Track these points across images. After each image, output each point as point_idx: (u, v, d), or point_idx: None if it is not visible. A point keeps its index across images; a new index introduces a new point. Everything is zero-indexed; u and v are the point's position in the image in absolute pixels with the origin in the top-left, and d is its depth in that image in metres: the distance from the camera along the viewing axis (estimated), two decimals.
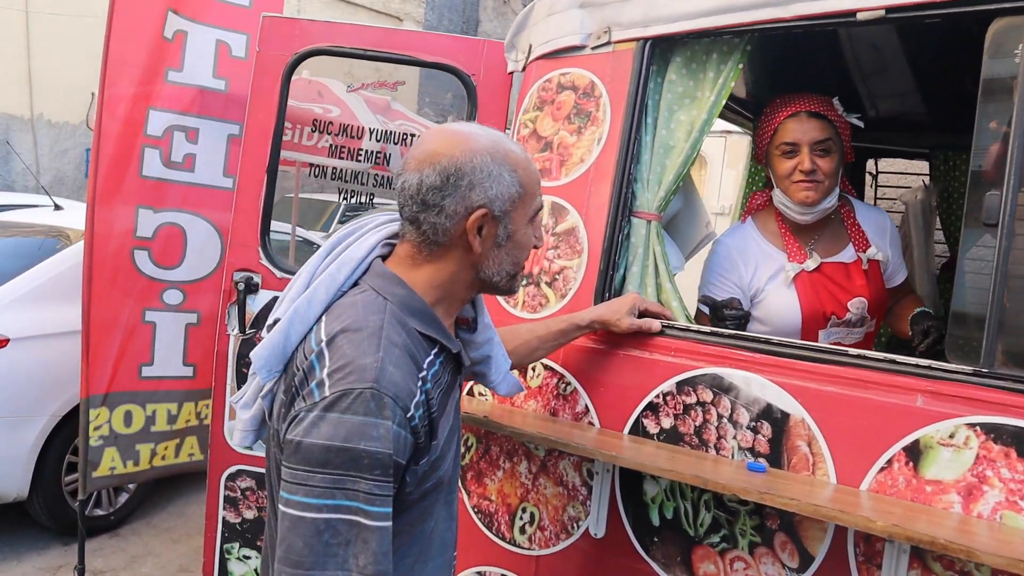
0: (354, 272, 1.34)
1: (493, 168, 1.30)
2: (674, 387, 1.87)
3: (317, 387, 1.19)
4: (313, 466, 1.14)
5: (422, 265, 1.34)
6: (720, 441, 1.80)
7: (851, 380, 1.66)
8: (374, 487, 1.14)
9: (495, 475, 2.17)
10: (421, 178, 1.29)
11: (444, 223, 1.30)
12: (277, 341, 1.30)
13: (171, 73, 3.48)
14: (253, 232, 2.66)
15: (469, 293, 1.41)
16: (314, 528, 1.13)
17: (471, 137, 1.32)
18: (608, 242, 2.02)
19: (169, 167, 3.51)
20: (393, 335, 1.24)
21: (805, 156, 2.15)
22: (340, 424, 1.15)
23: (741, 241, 2.31)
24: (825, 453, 1.66)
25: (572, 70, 2.20)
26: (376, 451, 1.14)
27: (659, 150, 2.07)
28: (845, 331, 2.27)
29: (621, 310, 1.90)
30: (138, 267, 3.46)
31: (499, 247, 1.35)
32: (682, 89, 2.08)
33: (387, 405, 1.16)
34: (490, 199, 1.30)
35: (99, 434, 3.50)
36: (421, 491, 1.29)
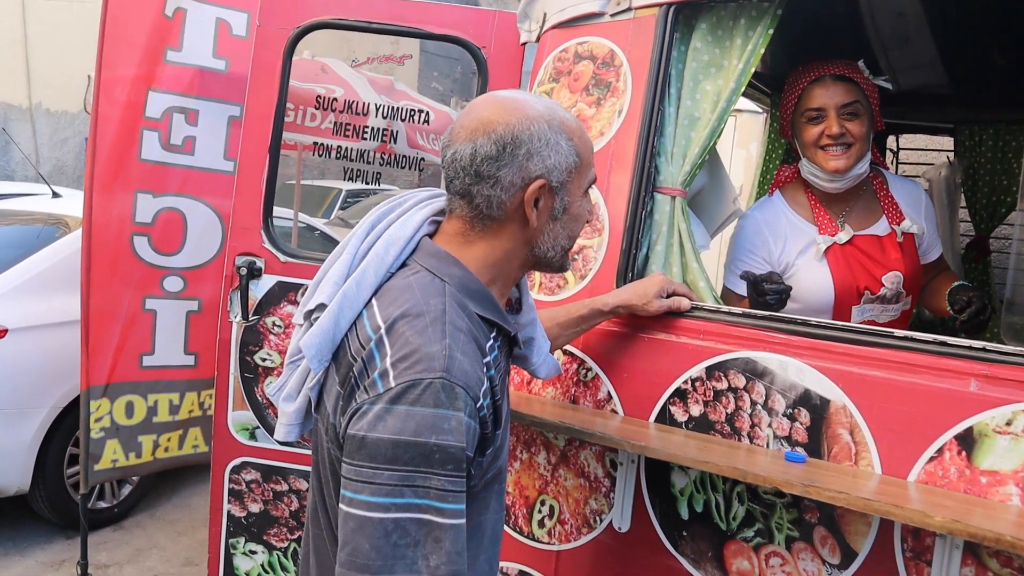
0: (402, 252, 1.27)
1: (551, 136, 1.23)
2: (703, 372, 1.76)
3: (380, 377, 1.11)
4: (380, 463, 1.06)
5: (475, 242, 1.27)
6: (754, 430, 1.69)
7: (897, 364, 1.55)
8: (447, 483, 1.07)
9: (512, 466, 2.07)
10: (475, 148, 1.21)
11: (500, 195, 1.22)
12: (327, 327, 1.23)
13: (170, 53, 3.36)
14: (255, 215, 2.55)
15: (521, 271, 1.34)
16: (382, 529, 1.05)
17: (525, 104, 1.25)
18: (630, 219, 1.91)
19: (168, 150, 3.39)
20: (457, 320, 1.17)
21: (832, 120, 2.07)
22: (409, 417, 1.07)
23: (770, 215, 2.21)
24: (869, 442, 1.55)
25: (590, 39, 2.08)
26: (449, 444, 1.07)
27: (683, 122, 1.96)
28: (880, 308, 2.17)
29: (648, 293, 1.79)
30: (137, 254, 3.36)
31: (555, 220, 1.28)
32: (708, 57, 1.96)
33: (459, 395, 1.09)
34: (548, 169, 1.23)
35: (100, 426, 3.41)
36: (483, 483, 1.22)
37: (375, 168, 2.93)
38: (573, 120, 1.28)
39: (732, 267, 2.21)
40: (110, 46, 3.24)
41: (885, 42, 2.77)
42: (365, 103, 3.01)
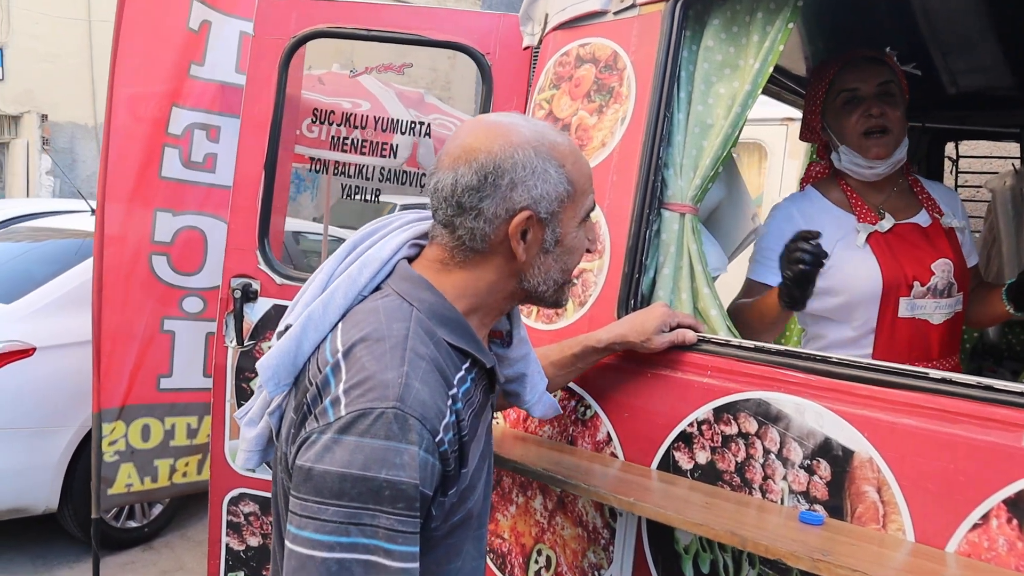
0: (377, 274, 1.20)
1: (538, 164, 1.14)
2: (711, 414, 1.54)
3: (332, 405, 1.04)
4: (326, 497, 0.98)
5: (454, 271, 1.18)
6: (767, 482, 1.47)
7: (934, 410, 1.31)
8: (396, 523, 0.99)
9: (508, 510, 1.88)
10: (456, 177, 1.14)
11: (483, 228, 1.14)
12: (288, 349, 1.16)
13: (194, 68, 3.28)
14: (251, 234, 2.42)
15: (508, 304, 1.25)
16: (325, 569, 0.97)
17: (511, 129, 1.16)
18: (633, 240, 1.71)
19: (189, 167, 3.31)
20: (419, 346, 1.09)
21: (874, 104, 1.95)
22: (358, 449, 0.99)
23: (804, 204, 2.06)
24: (900, 502, 1.32)
25: (592, 40, 1.89)
26: (400, 481, 0.99)
27: (694, 129, 1.75)
28: (933, 303, 1.97)
29: (647, 328, 1.59)
30: (156, 273, 3.27)
31: (546, 253, 1.18)
32: (721, 57, 1.75)
33: (413, 428, 1.01)
34: (535, 199, 1.14)
35: (114, 449, 3.33)
36: (449, 526, 1.12)
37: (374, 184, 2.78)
38: (566, 144, 1.18)
39: (759, 257, 2.05)
40: (123, 61, 3.17)
41: (942, 42, 2.51)
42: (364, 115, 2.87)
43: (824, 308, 2.00)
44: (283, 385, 1.17)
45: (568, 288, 1.26)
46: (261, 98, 2.41)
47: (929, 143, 3.31)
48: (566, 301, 1.28)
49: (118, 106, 3.16)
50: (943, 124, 3.16)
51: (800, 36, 2.54)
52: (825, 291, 2.00)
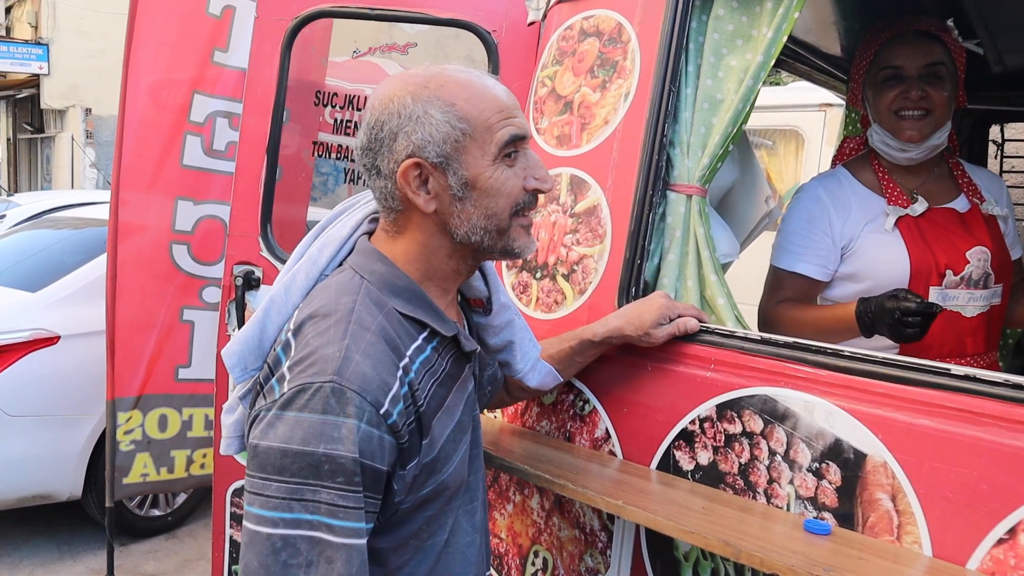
0: (338, 253, 1.20)
1: (415, 108, 1.10)
2: (713, 411, 1.43)
3: (278, 382, 1.05)
4: (269, 473, 0.99)
5: (396, 238, 1.17)
6: (772, 486, 1.35)
7: (955, 411, 1.18)
8: (337, 497, 0.98)
9: (505, 508, 1.79)
10: (358, 143, 1.15)
11: (387, 185, 1.13)
12: (251, 334, 1.16)
13: (217, 54, 3.23)
14: (253, 220, 2.35)
15: (459, 264, 1.19)
16: (270, 546, 0.97)
17: (398, 81, 1.14)
18: (636, 223, 1.59)
19: (211, 156, 3.26)
20: (366, 318, 1.08)
21: (912, 83, 1.83)
22: (297, 424, 0.99)
23: (832, 184, 1.94)
24: (916, 512, 1.19)
25: (596, 12, 1.78)
26: (338, 455, 0.98)
27: (703, 105, 1.63)
28: (967, 294, 1.84)
29: (644, 320, 1.49)
30: (176, 262, 3.23)
31: (460, 200, 1.13)
32: (732, 27, 1.63)
33: (351, 401, 1.00)
34: (417, 145, 1.10)
35: (131, 438, 3.31)
36: (418, 499, 1.11)
37: None
38: (460, 82, 1.12)
39: (785, 243, 1.94)
40: (139, 48, 3.14)
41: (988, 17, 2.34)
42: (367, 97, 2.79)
43: (847, 294, 1.87)
44: (251, 370, 1.16)
45: (515, 233, 1.16)
46: (263, 81, 2.33)
47: (972, 125, 3.13)
48: (522, 249, 1.18)
49: (135, 94, 3.13)
50: (987, 106, 2.98)
51: (832, 11, 2.39)
52: (848, 276, 1.88)
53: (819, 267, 1.88)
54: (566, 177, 1.74)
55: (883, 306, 1.63)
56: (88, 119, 14.50)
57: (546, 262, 1.74)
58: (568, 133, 1.76)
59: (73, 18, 14.60)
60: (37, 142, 17.68)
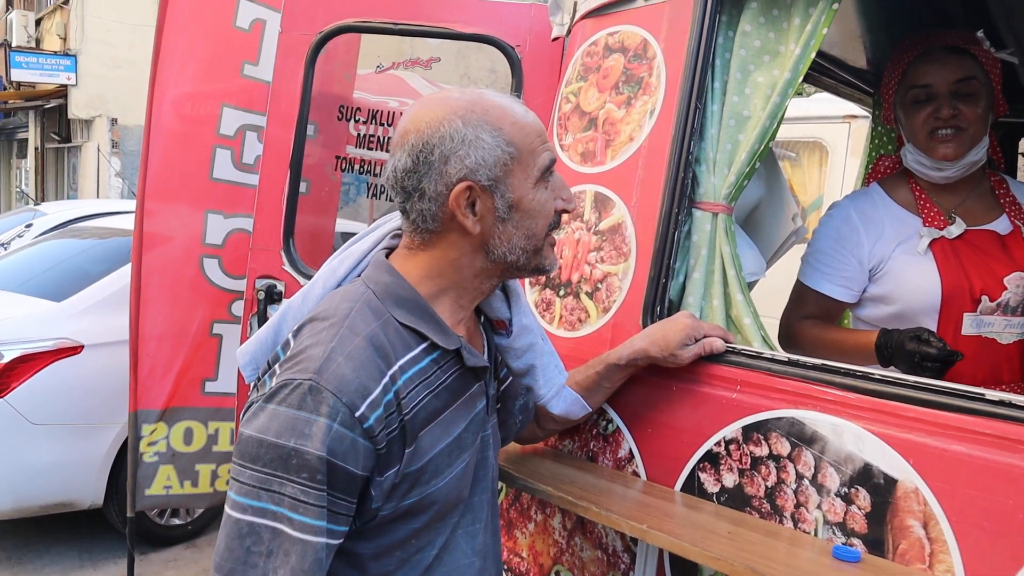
0: (356, 266, 1.24)
1: (467, 132, 1.12)
2: (740, 433, 1.41)
3: (269, 377, 1.09)
4: (246, 461, 1.03)
5: (418, 254, 1.19)
6: (799, 511, 1.32)
7: (990, 437, 1.15)
8: (299, 492, 1.01)
9: (526, 528, 1.77)
10: (395, 163, 1.15)
11: (430, 207, 1.13)
12: (266, 337, 1.21)
13: (248, 67, 3.23)
14: (275, 234, 2.37)
15: (487, 282, 1.22)
16: (237, 530, 1.01)
17: (441, 102, 1.15)
18: (661, 241, 1.58)
19: (241, 169, 3.27)
20: (359, 324, 1.10)
21: (943, 100, 1.79)
22: (274, 417, 1.03)
23: (865, 203, 1.91)
24: (949, 540, 1.16)
25: (622, 28, 1.77)
26: (305, 451, 1.01)
27: (729, 122, 1.61)
28: (1003, 321, 1.79)
29: (670, 342, 1.47)
30: (207, 276, 3.23)
31: (503, 221, 1.16)
32: (760, 43, 1.61)
33: (325, 400, 1.03)
34: (471, 168, 1.12)
35: (155, 450, 3.31)
36: (400, 509, 1.12)
37: None
38: (502, 106, 1.15)
39: (813, 260, 1.92)
40: (166, 61, 3.16)
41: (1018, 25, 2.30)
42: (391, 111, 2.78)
43: (876, 316, 1.84)
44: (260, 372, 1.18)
45: (546, 252, 1.21)
46: (287, 95, 2.36)
47: (1002, 138, 3.08)
48: (551, 265, 1.24)
49: (161, 106, 3.14)
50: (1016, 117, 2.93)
51: (858, 24, 2.37)
52: (878, 298, 1.84)
53: (844, 288, 1.85)
54: (590, 194, 1.73)
55: (903, 346, 1.61)
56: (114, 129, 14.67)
57: (570, 279, 1.73)
58: (592, 150, 1.75)
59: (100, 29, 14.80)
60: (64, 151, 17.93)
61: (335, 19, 2.31)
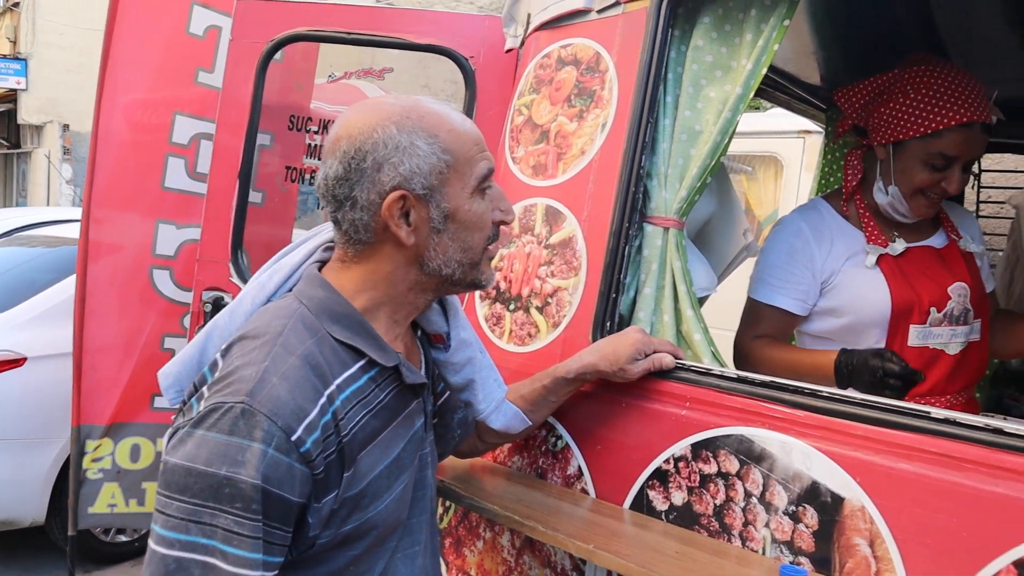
0: (287, 280, 1.18)
1: (401, 139, 1.08)
2: (689, 450, 1.39)
3: (197, 400, 1.03)
4: (172, 491, 0.97)
5: (352, 267, 1.15)
6: (747, 529, 1.31)
7: (935, 455, 1.15)
8: (234, 523, 0.95)
9: (475, 545, 1.74)
10: (326, 171, 1.11)
11: (362, 217, 1.10)
12: (190, 357, 1.15)
13: (202, 74, 3.16)
14: (223, 245, 2.31)
15: (422, 296, 1.18)
16: (164, 567, 0.95)
17: (374, 109, 1.11)
18: (611, 256, 1.56)
19: (195, 179, 3.19)
20: (292, 342, 1.05)
21: (956, 176, 1.75)
22: (204, 443, 0.97)
23: (815, 217, 1.91)
24: (895, 559, 1.16)
25: (575, 40, 1.76)
26: (239, 479, 0.95)
27: (681, 136, 1.61)
28: (949, 331, 1.82)
29: (619, 356, 1.45)
30: (157, 288, 3.14)
31: (439, 232, 1.12)
32: (712, 58, 1.61)
33: (259, 424, 0.97)
34: (405, 176, 1.08)
35: (99, 467, 3.21)
36: (338, 536, 1.07)
37: None
38: (439, 113, 1.12)
39: (765, 276, 1.90)
40: (115, 67, 3.08)
41: (965, 49, 2.35)
42: None
43: (826, 329, 1.85)
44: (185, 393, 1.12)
45: (484, 266, 1.18)
46: (237, 104, 2.30)
47: None
48: (488, 280, 1.21)
49: (111, 113, 3.06)
50: None
51: (811, 41, 2.39)
52: (828, 311, 1.85)
53: (798, 301, 1.86)
54: (541, 208, 1.71)
55: (866, 362, 1.61)
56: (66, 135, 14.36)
57: (520, 294, 1.71)
58: (544, 163, 1.74)
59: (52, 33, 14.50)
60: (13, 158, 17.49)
61: (287, 27, 2.27)
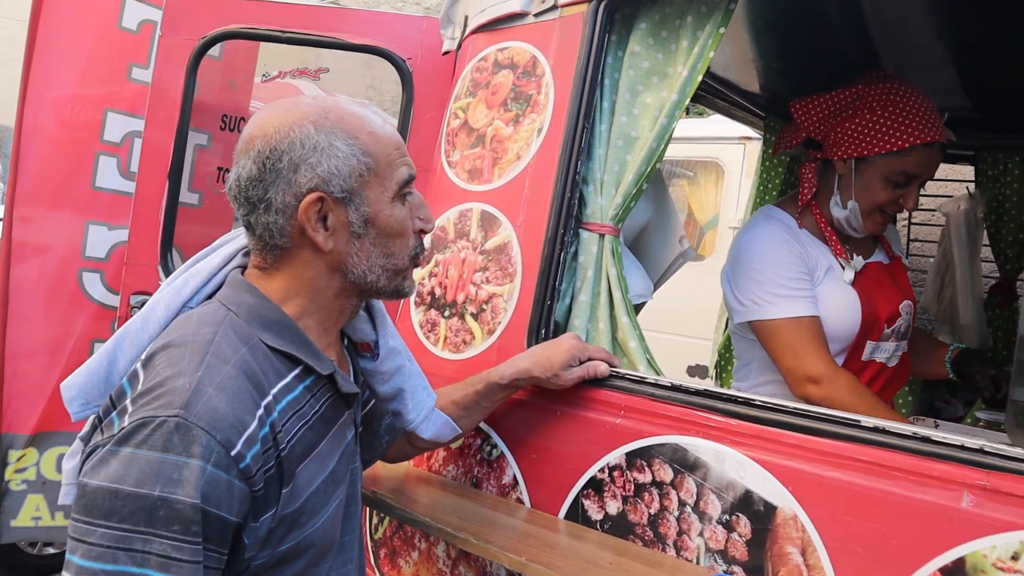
0: (205, 285, 1.12)
1: (320, 139, 1.04)
2: (623, 459, 1.38)
3: (119, 415, 0.95)
4: (95, 517, 0.88)
5: (274, 275, 1.10)
6: (681, 538, 1.30)
7: (864, 464, 1.16)
8: (170, 548, 0.87)
9: (410, 556, 1.70)
10: (239, 172, 1.06)
11: (277, 221, 1.05)
12: (97, 367, 1.07)
13: (135, 70, 3.05)
14: (152, 248, 2.23)
15: (346, 303, 1.14)
16: None
17: (291, 108, 1.07)
18: (547, 262, 1.54)
19: (129, 179, 3.07)
20: (225, 350, 0.99)
21: (915, 194, 1.78)
22: (133, 462, 0.89)
23: (784, 230, 1.83)
24: (826, 566, 1.16)
25: (511, 44, 1.74)
26: (175, 499, 0.88)
27: (617, 142, 1.59)
28: (893, 346, 1.86)
29: (553, 362, 1.42)
30: (87, 291, 3.02)
31: (359, 237, 1.08)
32: (648, 64, 1.60)
33: (197, 439, 0.90)
34: (323, 178, 1.04)
35: (23, 478, 3.07)
36: (275, 556, 1.01)
37: None
38: (358, 115, 1.08)
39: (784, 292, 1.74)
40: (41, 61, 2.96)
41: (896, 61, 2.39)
42: None
43: None
44: (94, 406, 1.07)
45: (408, 273, 1.15)
46: (166, 102, 2.23)
47: None
48: (410, 289, 1.18)
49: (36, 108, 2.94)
50: None
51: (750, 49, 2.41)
52: None
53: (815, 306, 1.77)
54: (477, 212, 1.68)
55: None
56: None
57: (455, 300, 1.68)
58: (480, 167, 1.71)
59: None
60: None
61: (220, 24, 2.20)
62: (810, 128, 1.87)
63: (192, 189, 3.04)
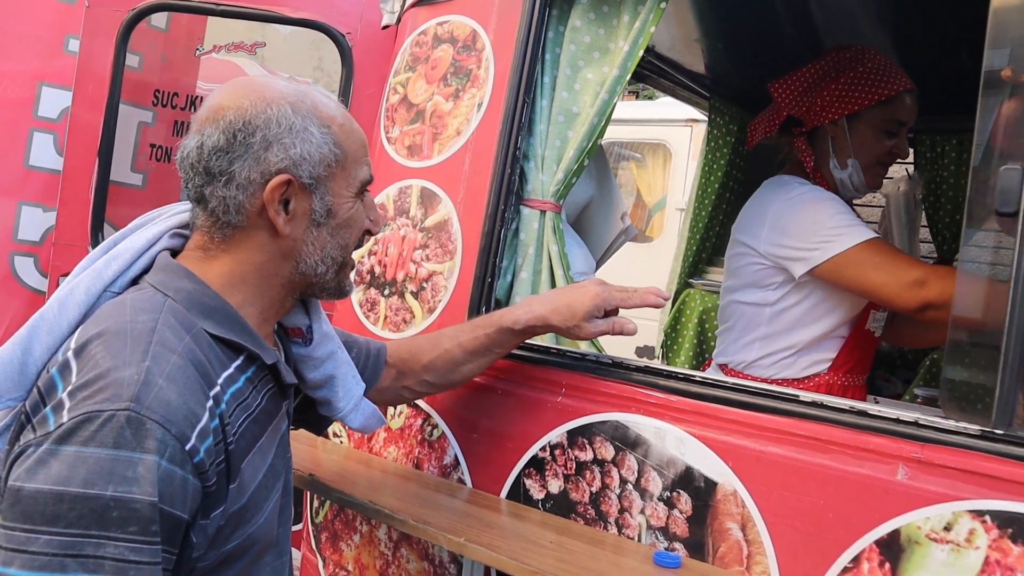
0: (129, 267, 1.04)
1: (296, 120, 1.01)
2: (564, 437, 1.36)
3: (53, 411, 0.87)
4: (37, 524, 0.80)
5: (218, 256, 1.04)
6: (623, 516, 1.29)
7: (802, 438, 1.16)
8: (128, 551, 0.81)
9: (352, 539, 1.67)
10: (202, 140, 1.00)
11: (236, 196, 1.00)
12: (11, 356, 0.97)
13: (72, 42, 2.90)
14: (82, 229, 2.15)
15: (289, 295, 1.10)
16: None
17: (267, 86, 1.04)
18: (487, 239, 1.51)
19: None
20: (170, 338, 0.93)
21: (904, 141, 1.84)
22: (79, 461, 0.82)
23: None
24: (765, 542, 1.16)
25: (451, 18, 1.70)
26: (131, 498, 0.82)
27: (558, 118, 1.57)
28: (882, 315, 1.88)
29: (576, 311, 1.31)
30: (19, 276, 2.88)
31: (318, 226, 1.05)
32: (589, 39, 1.58)
33: (151, 433, 0.84)
34: (294, 161, 1.01)
35: None
36: (221, 555, 0.96)
37: None
38: (333, 107, 1.06)
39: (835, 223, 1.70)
40: None
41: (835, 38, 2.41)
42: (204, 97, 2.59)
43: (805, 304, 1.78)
44: (7, 400, 0.97)
45: (350, 271, 1.12)
46: (95, 77, 2.14)
47: None
48: (350, 288, 1.15)
49: None
50: None
51: (695, 28, 2.40)
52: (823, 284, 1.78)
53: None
54: (416, 189, 1.64)
55: None
56: None
57: (395, 278, 1.64)
58: (419, 143, 1.67)
59: None
60: None
61: None
62: (791, 104, 1.88)
63: (135, 169, 2.93)
